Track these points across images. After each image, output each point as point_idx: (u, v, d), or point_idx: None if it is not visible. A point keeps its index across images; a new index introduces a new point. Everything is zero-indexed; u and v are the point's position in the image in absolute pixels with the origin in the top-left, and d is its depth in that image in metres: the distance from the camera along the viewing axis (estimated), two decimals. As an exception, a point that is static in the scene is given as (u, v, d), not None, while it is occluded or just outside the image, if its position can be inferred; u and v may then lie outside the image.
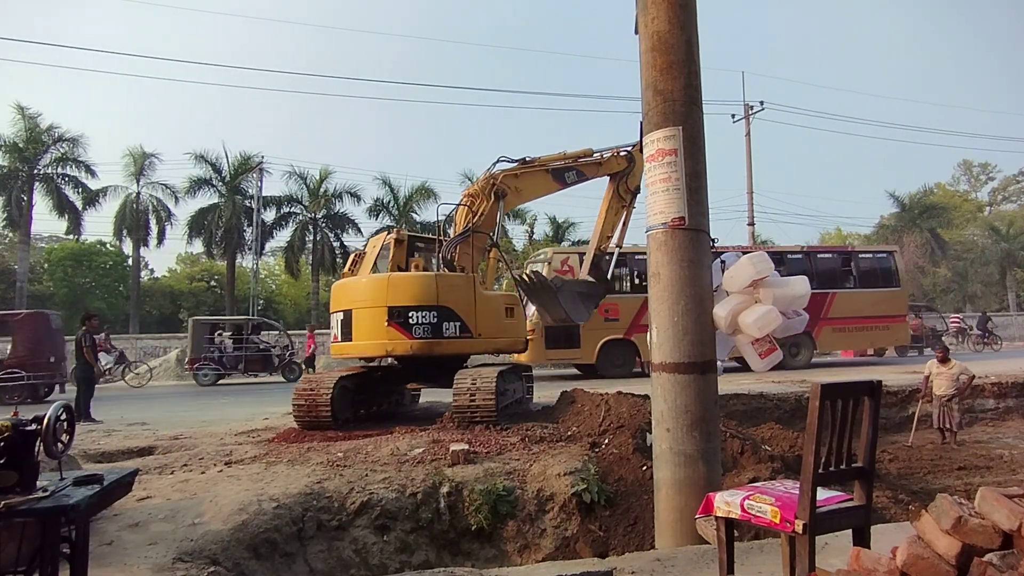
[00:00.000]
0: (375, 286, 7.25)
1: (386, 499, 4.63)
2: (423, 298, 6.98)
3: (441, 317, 6.99)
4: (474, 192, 7.95)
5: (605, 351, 14.04)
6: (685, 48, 3.86)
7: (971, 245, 41.63)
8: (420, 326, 6.94)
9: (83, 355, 9.25)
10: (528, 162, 8.15)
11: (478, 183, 8.08)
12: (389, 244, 7.91)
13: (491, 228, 7.93)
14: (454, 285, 7.20)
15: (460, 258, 7.57)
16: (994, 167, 51.54)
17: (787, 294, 4.13)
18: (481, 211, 7.74)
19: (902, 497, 5.85)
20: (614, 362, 14.12)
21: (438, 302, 7.00)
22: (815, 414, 2.28)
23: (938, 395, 8.36)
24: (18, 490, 2.25)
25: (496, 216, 7.88)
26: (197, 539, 3.82)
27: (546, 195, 8.62)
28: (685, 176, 3.77)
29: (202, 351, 17.48)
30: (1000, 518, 1.65)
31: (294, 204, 30.76)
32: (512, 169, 8.04)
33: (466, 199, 7.97)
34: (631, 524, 4.77)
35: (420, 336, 6.94)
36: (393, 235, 8.01)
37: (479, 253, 7.87)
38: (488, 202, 7.77)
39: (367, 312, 7.14)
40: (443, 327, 7.00)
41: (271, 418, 8.58)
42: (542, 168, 8.23)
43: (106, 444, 6.79)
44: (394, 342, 6.97)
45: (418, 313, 6.93)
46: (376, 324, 7.01)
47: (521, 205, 13.20)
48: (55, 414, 2.41)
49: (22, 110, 26.69)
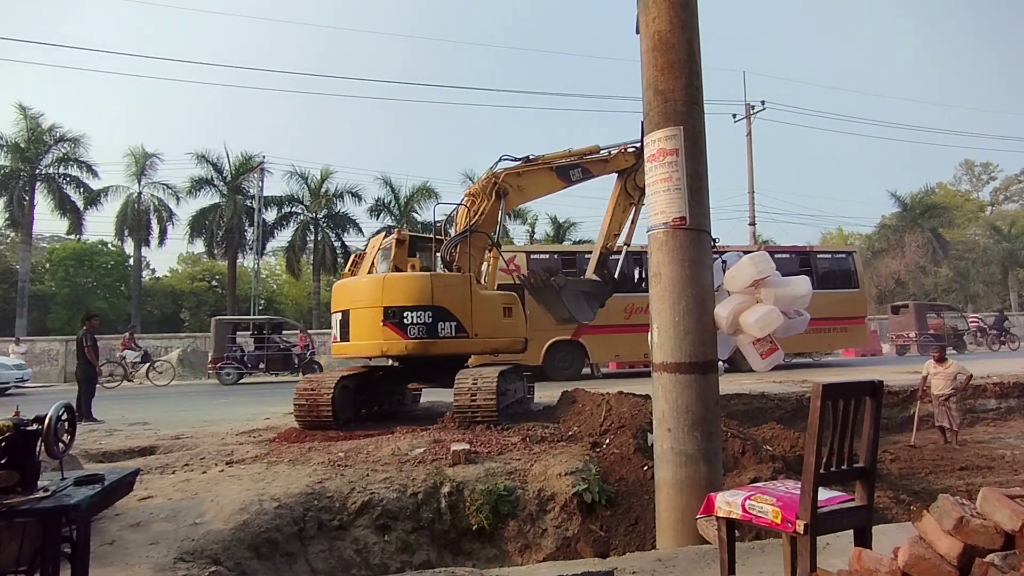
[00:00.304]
0: (371, 286, 7.25)
1: (387, 499, 4.63)
2: (418, 298, 6.97)
3: (436, 317, 6.98)
4: (475, 191, 7.87)
5: (552, 353, 13.69)
6: (686, 48, 3.85)
7: (973, 245, 41.58)
8: (415, 326, 6.93)
9: (84, 355, 9.27)
10: (532, 160, 8.04)
11: (479, 182, 8.00)
12: (390, 244, 7.88)
13: (492, 228, 7.84)
14: (450, 285, 7.19)
15: (459, 258, 7.52)
16: (996, 167, 51.53)
17: (788, 294, 4.13)
18: (481, 210, 7.67)
19: (904, 497, 5.84)
20: (562, 364, 13.74)
21: (433, 302, 6.99)
22: (816, 414, 2.27)
23: (936, 395, 8.38)
24: (19, 490, 2.25)
25: (497, 215, 7.79)
26: (198, 539, 3.82)
27: (550, 193, 8.50)
28: (686, 176, 3.77)
29: (224, 350, 17.67)
30: (1002, 518, 1.65)
31: (295, 204, 30.82)
32: (515, 167, 7.94)
33: (467, 198, 7.90)
34: (632, 524, 4.77)
35: (415, 336, 6.94)
36: (394, 235, 7.95)
37: (479, 253, 7.80)
38: (489, 201, 7.69)
39: (364, 312, 7.15)
40: (438, 327, 6.99)
41: (272, 418, 8.58)
42: (546, 166, 8.10)
43: (107, 444, 6.79)
44: (389, 342, 6.97)
45: (413, 313, 6.93)
46: (372, 324, 7.01)
47: (524, 204, 13.05)
48: (56, 414, 2.42)
49: (24, 110, 26.76)
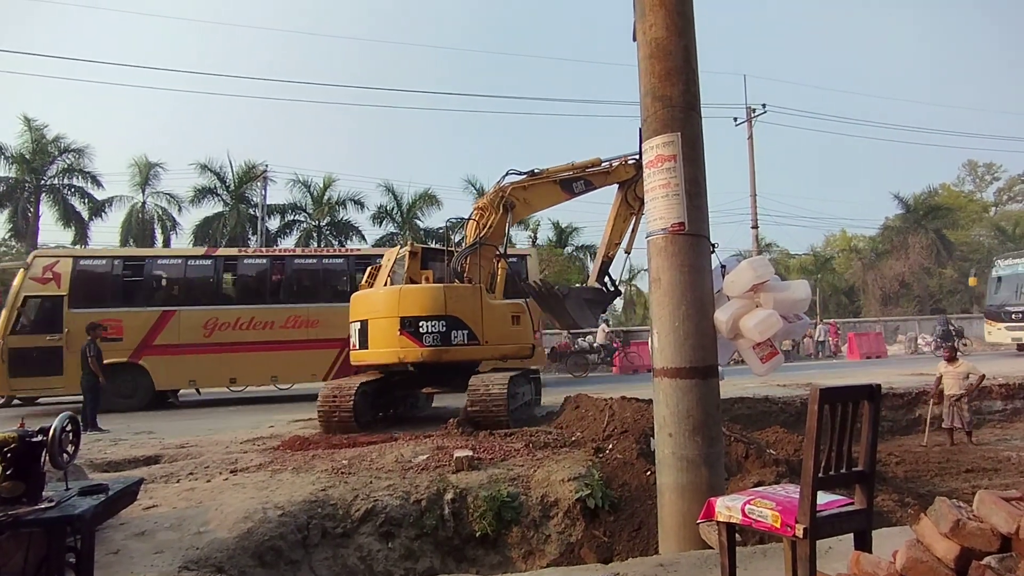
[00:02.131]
0: (388, 298, 7.74)
1: (391, 506, 4.64)
2: (432, 309, 7.44)
3: (449, 326, 7.45)
4: (483, 205, 8.33)
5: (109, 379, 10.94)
6: (683, 54, 3.88)
7: (977, 246, 41.36)
8: (430, 335, 7.40)
9: (88, 365, 9.29)
10: (537, 174, 8.44)
11: (487, 196, 8.48)
12: (404, 257, 8.40)
13: (499, 240, 8.29)
14: (461, 296, 7.66)
15: (469, 269, 8.01)
16: (999, 167, 51.24)
17: (788, 298, 4.13)
18: (490, 223, 8.13)
19: (908, 500, 5.81)
20: (120, 392, 11.21)
21: (446, 312, 7.46)
22: (814, 418, 2.28)
23: (947, 395, 8.38)
24: (24, 500, 2.27)
25: (505, 228, 8.26)
26: (203, 547, 3.84)
27: (555, 205, 8.93)
28: (684, 182, 3.78)
29: None
30: (998, 521, 1.65)
31: (298, 212, 30.97)
32: (521, 181, 8.36)
33: (476, 212, 8.37)
34: (635, 529, 4.77)
35: (430, 344, 7.41)
36: (407, 248, 8.54)
37: (488, 264, 8.31)
38: (497, 214, 8.15)
39: (382, 322, 7.66)
40: (451, 335, 7.46)
41: (276, 425, 8.61)
42: (551, 179, 8.51)
43: (112, 453, 6.82)
44: (406, 350, 7.45)
45: (428, 323, 7.41)
46: (390, 333, 7.52)
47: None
48: (61, 425, 2.44)
49: (28, 121, 26.99)
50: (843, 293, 42.52)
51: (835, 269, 42.73)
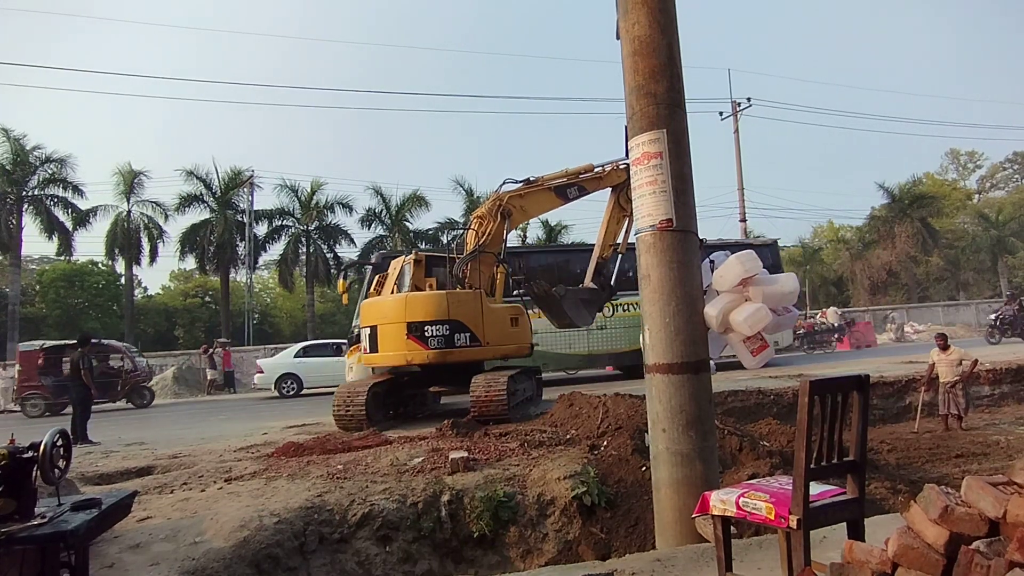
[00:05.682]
0: (395, 305, 8.30)
1: (387, 510, 4.63)
2: (437, 314, 7.95)
3: (453, 329, 7.96)
4: (482, 214, 8.65)
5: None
6: (667, 51, 3.89)
7: (962, 233, 41.85)
8: (435, 338, 7.93)
9: (79, 377, 9.20)
10: (532, 182, 8.72)
11: (485, 205, 8.78)
12: (408, 265, 8.80)
13: (498, 246, 8.63)
14: (463, 301, 8.14)
15: (470, 276, 8.43)
16: (981, 155, 51.98)
17: (776, 291, 4.17)
18: (488, 231, 8.46)
19: (901, 487, 5.88)
20: None
21: (450, 316, 7.97)
22: (805, 410, 2.31)
23: (941, 382, 8.50)
24: (17, 517, 2.26)
25: (503, 235, 8.58)
26: (199, 558, 3.81)
27: (550, 211, 9.36)
28: (671, 178, 3.80)
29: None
30: (986, 506, 1.68)
31: (286, 217, 30.77)
32: (517, 190, 8.68)
33: (475, 221, 8.71)
34: (632, 525, 4.79)
35: (435, 347, 7.93)
36: (412, 256, 8.93)
37: (487, 269, 8.72)
38: (495, 222, 8.47)
39: (390, 327, 8.18)
40: (455, 338, 7.96)
41: (270, 432, 8.56)
42: (545, 187, 8.78)
43: (104, 466, 6.75)
44: (413, 352, 7.96)
45: (433, 327, 7.93)
46: (398, 337, 8.04)
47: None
48: (51, 440, 2.42)
49: (6, 132, 26.62)
50: (832, 284, 42.93)
51: (823, 260, 43.12)
